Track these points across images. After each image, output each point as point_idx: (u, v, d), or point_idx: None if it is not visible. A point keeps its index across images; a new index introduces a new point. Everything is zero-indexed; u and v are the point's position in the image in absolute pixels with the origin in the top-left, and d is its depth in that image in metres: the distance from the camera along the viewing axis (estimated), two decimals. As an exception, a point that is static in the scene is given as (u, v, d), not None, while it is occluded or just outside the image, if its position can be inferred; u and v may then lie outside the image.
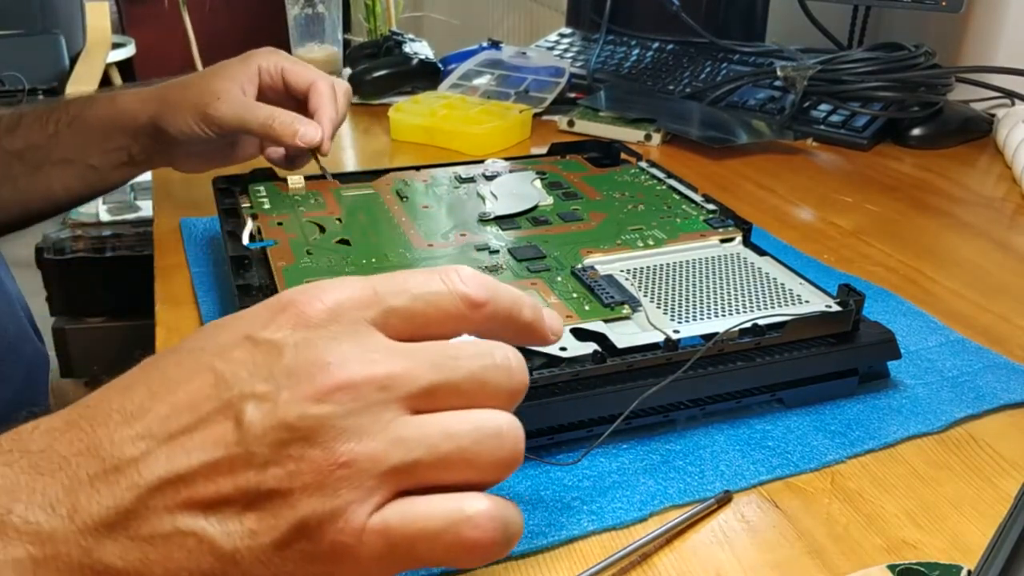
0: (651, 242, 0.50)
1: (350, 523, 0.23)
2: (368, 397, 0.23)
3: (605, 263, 0.48)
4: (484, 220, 0.53)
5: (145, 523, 0.22)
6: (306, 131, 0.56)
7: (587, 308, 0.42)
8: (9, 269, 0.58)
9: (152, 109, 0.58)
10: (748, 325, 0.41)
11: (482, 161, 0.63)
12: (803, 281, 0.46)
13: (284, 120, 0.56)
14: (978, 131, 0.86)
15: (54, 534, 0.22)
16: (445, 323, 0.26)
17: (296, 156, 0.61)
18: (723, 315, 0.43)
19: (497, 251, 0.49)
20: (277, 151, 0.62)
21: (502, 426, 0.25)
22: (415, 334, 0.25)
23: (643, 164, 0.63)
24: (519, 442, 0.25)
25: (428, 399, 0.24)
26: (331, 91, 0.60)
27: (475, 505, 0.24)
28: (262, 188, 0.57)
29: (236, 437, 0.23)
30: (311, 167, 0.61)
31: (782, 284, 0.46)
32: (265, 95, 0.59)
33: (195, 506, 0.22)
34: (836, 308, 0.43)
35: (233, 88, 0.57)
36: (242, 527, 0.22)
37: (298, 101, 0.61)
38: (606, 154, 0.67)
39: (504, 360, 0.25)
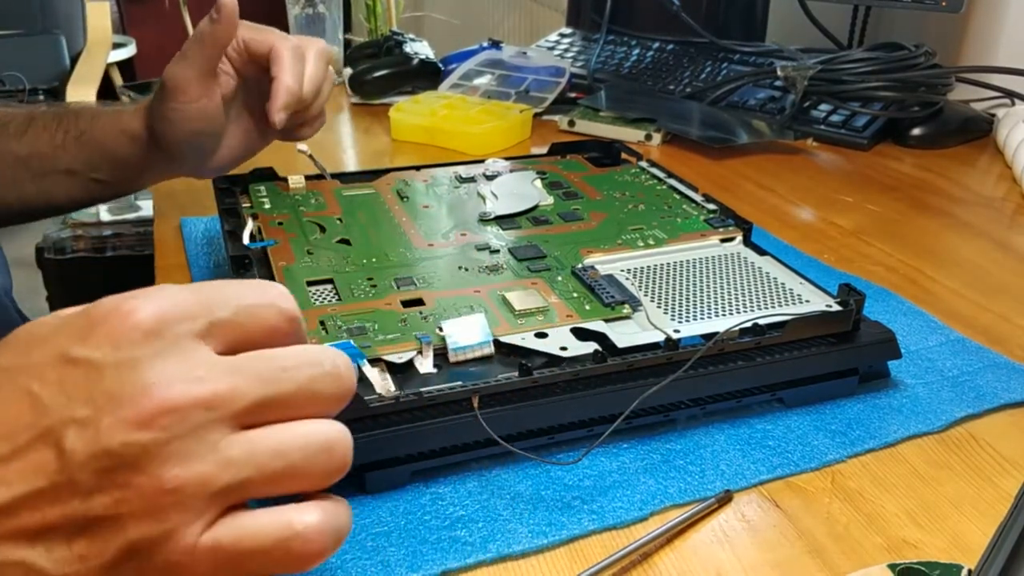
0: (651, 242, 0.50)
1: (180, 544, 0.22)
2: (193, 419, 0.23)
3: (605, 263, 0.48)
4: (484, 220, 0.53)
5: None
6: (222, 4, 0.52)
7: (587, 308, 0.42)
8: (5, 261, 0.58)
9: (147, 120, 0.57)
10: (748, 325, 0.41)
11: (482, 161, 0.63)
12: (803, 281, 0.46)
13: (203, 24, 0.53)
14: (978, 131, 0.86)
15: None
16: (269, 336, 0.25)
17: (298, 116, 0.57)
18: (723, 315, 0.43)
19: (497, 251, 0.49)
20: (279, 113, 0.56)
21: (331, 438, 0.24)
22: (239, 347, 0.25)
23: (643, 164, 0.63)
24: (348, 451, 0.25)
25: (257, 414, 0.24)
26: (291, 55, 0.56)
27: (304, 519, 0.24)
28: (262, 188, 0.57)
29: (58, 466, 0.22)
30: (311, 167, 0.61)
31: (782, 284, 0.46)
32: (213, 55, 0.55)
33: (20, 536, 0.22)
34: (836, 308, 0.43)
35: (180, 57, 0.55)
36: (71, 553, 0.22)
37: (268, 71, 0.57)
38: (606, 154, 0.67)
39: (333, 367, 0.25)
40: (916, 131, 0.84)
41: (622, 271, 0.47)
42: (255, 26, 0.58)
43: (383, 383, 0.37)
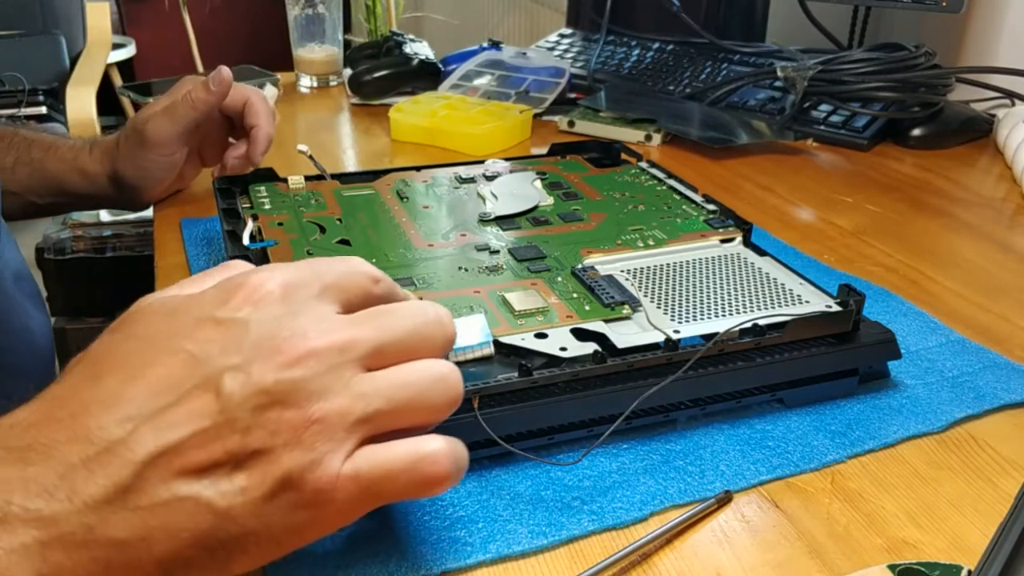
0: (651, 242, 0.50)
1: (327, 472, 0.26)
2: (329, 361, 0.26)
3: (605, 263, 0.48)
4: (484, 220, 0.53)
5: (143, 495, 0.24)
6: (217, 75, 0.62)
7: (587, 308, 0.42)
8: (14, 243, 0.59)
9: (111, 163, 0.64)
10: (748, 325, 0.41)
11: (482, 161, 0.63)
12: (803, 281, 0.46)
13: (195, 82, 0.63)
14: (978, 131, 0.86)
15: (56, 517, 0.23)
16: (366, 294, 0.30)
17: (248, 152, 0.66)
18: (723, 315, 0.43)
19: (497, 251, 0.49)
20: (236, 153, 0.66)
21: (444, 371, 0.29)
22: (346, 307, 0.29)
23: (643, 164, 0.63)
24: (460, 382, 0.29)
25: (378, 357, 0.28)
26: (266, 107, 0.66)
27: (431, 445, 0.27)
28: (263, 188, 0.57)
29: (218, 406, 0.25)
30: (311, 168, 0.61)
31: (782, 284, 0.46)
32: (199, 119, 0.64)
33: (188, 473, 0.24)
34: (836, 308, 0.43)
35: (156, 107, 0.63)
36: (233, 486, 0.25)
37: (232, 121, 0.67)
38: (606, 154, 0.67)
39: (436, 315, 0.29)
40: (916, 131, 0.84)
41: (622, 271, 0.47)
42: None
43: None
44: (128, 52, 2.64)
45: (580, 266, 0.47)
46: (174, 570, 0.25)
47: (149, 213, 0.69)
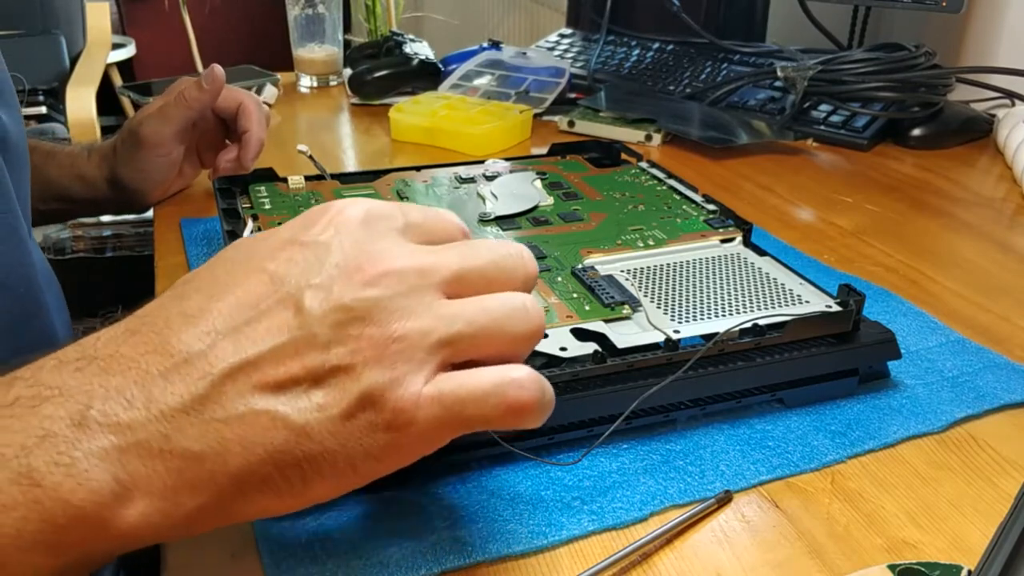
0: (651, 242, 0.50)
1: (408, 391, 0.25)
2: (410, 282, 0.26)
3: (605, 263, 0.48)
4: (484, 220, 0.53)
5: (220, 407, 0.24)
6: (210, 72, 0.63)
7: (587, 308, 0.42)
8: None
9: (109, 167, 0.65)
10: (748, 325, 0.41)
11: (482, 161, 0.63)
12: (803, 281, 0.46)
13: (188, 82, 0.64)
14: (978, 131, 0.86)
15: (133, 424, 0.24)
16: (449, 240, 0.30)
17: (241, 154, 0.66)
18: (723, 315, 0.43)
19: (497, 251, 0.49)
20: (228, 156, 0.67)
21: (526, 302, 0.28)
22: (428, 241, 0.29)
23: (643, 164, 0.63)
24: (542, 316, 0.28)
25: (459, 284, 0.27)
26: (259, 112, 0.66)
27: (519, 370, 0.27)
28: (263, 188, 0.57)
29: (298, 322, 0.25)
30: (311, 168, 0.61)
31: (782, 284, 0.46)
32: (193, 117, 0.65)
33: (266, 387, 0.24)
34: (836, 308, 0.43)
35: (150, 109, 0.64)
36: (311, 402, 0.25)
37: (225, 123, 0.67)
38: (606, 154, 0.67)
39: (517, 251, 0.29)
40: (916, 131, 0.84)
41: (622, 271, 0.47)
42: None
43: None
44: (128, 52, 2.64)
45: (580, 266, 0.47)
46: (248, 488, 0.24)
47: (149, 213, 0.69)
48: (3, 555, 0.22)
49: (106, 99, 2.24)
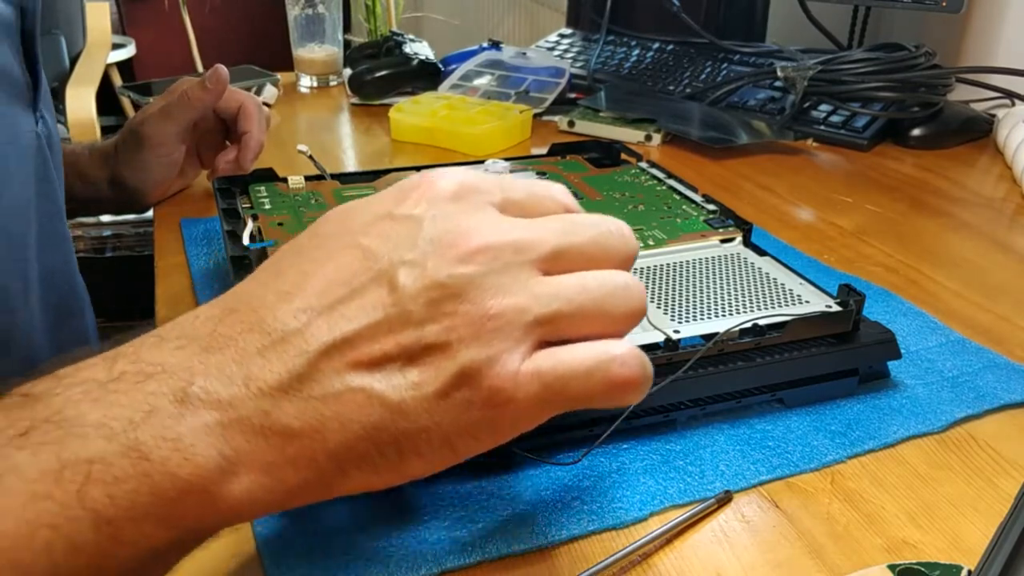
0: (651, 242, 0.50)
1: (505, 368, 0.25)
2: (506, 258, 0.26)
3: (605, 263, 0.48)
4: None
5: (317, 385, 0.24)
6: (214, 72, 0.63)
7: (587, 308, 0.42)
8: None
9: (111, 167, 0.65)
10: (748, 325, 0.41)
11: (482, 161, 0.63)
12: (803, 281, 0.46)
13: (190, 82, 0.64)
14: (978, 131, 0.86)
15: (233, 401, 0.24)
16: (549, 214, 0.29)
17: (241, 155, 0.67)
18: (723, 315, 0.43)
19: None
20: (227, 157, 0.67)
21: (628, 280, 0.27)
22: (527, 215, 0.28)
23: (643, 164, 0.63)
24: (644, 294, 0.27)
25: (556, 261, 0.27)
26: (259, 113, 0.66)
27: (620, 346, 0.26)
28: (263, 188, 0.57)
29: (392, 300, 0.25)
30: (311, 168, 0.61)
31: (782, 284, 0.46)
32: (196, 117, 0.66)
33: (361, 365, 0.24)
34: (836, 308, 0.43)
35: (152, 109, 0.65)
36: (406, 380, 0.25)
37: (226, 124, 0.68)
38: (606, 154, 0.67)
39: (617, 228, 0.28)
40: (916, 131, 0.84)
41: (622, 271, 0.47)
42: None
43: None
44: (128, 52, 2.64)
45: (580, 266, 0.47)
46: (346, 465, 0.25)
47: (149, 213, 0.69)
48: (118, 526, 0.22)
49: (106, 99, 2.24)
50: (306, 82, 1.07)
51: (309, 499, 0.25)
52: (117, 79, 2.46)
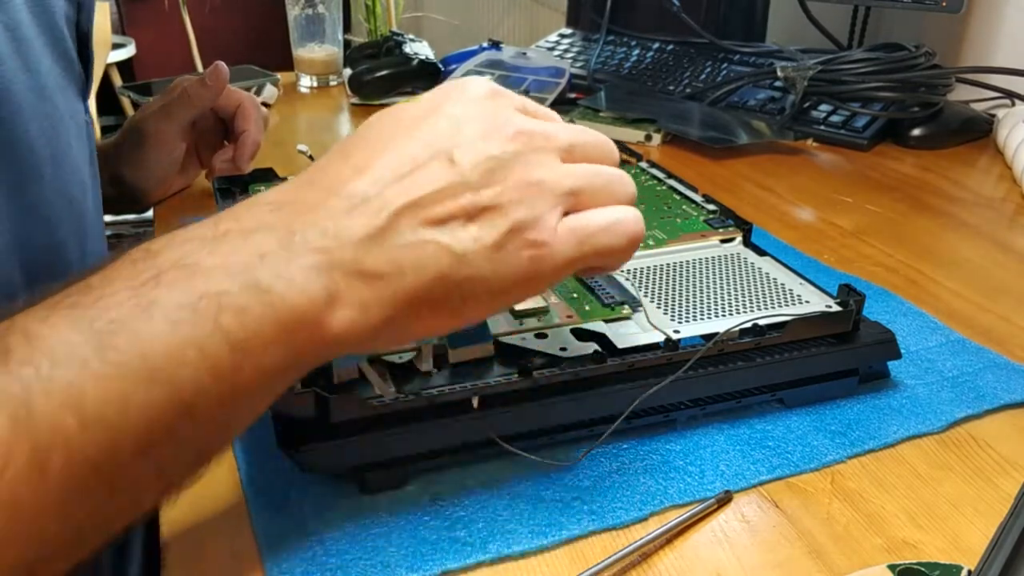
0: (651, 242, 0.50)
1: (547, 224, 0.31)
2: (538, 143, 0.32)
3: (605, 263, 0.48)
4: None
5: (396, 236, 0.29)
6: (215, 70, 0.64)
7: (587, 308, 0.42)
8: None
9: (108, 169, 0.64)
10: (748, 325, 0.41)
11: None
12: (803, 281, 0.46)
13: (190, 81, 0.65)
14: (978, 131, 0.86)
15: (329, 249, 0.28)
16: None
17: (239, 154, 0.67)
18: (723, 315, 0.43)
19: (497, 251, 0.49)
20: (224, 156, 0.67)
21: (624, 175, 0.34)
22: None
23: (643, 164, 0.63)
24: (634, 187, 0.34)
25: (571, 153, 0.33)
26: (257, 113, 0.67)
27: (624, 211, 0.33)
28: (263, 188, 0.57)
29: (453, 171, 0.30)
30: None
31: (782, 284, 0.46)
32: (196, 114, 0.66)
33: (431, 222, 0.29)
34: (836, 308, 0.43)
35: (152, 107, 0.65)
36: (468, 234, 0.30)
37: (225, 124, 0.68)
38: (606, 154, 0.67)
39: (609, 141, 0.35)
40: (916, 131, 0.84)
41: (622, 271, 0.47)
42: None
43: (383, 383, 0.37)
44: (128, 52, 2.64)
45: (580, 266, 0.47)
46: (420, 306, 0.29)
47: (149, 213, 0.69)
48: (247, 349, 0.26)
49: (106, 99, 2.24)
50: (306, 82, 1.07)
51: (389, 339, 0.30)
52: (117, 79, 2.46)
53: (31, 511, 0.23)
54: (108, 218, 1.17)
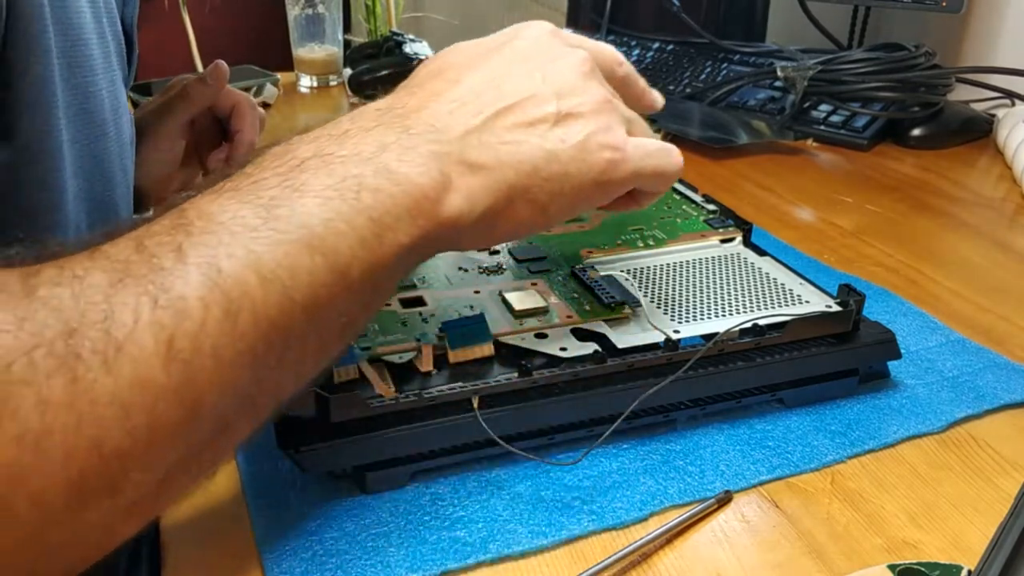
0: (651, 242, 0.50)
1: (619, 135, 0.35)
2: (599, 75, 0.37)
3: (605, 263, 0.48)
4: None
5: (494, 134, 0.33)
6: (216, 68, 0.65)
7: (587, 308, 0.42)
8: None
9: None
10: (748, 325, 0.41)
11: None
12: (803, 281, 0.46)
13: (189, 79, 0.65)
14: (978, 131, 0.86)
15: (439, 140, 0.32)
16: (610, 72, 0.38)
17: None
18: (723, 315, 0.43)
19: (497, 251, 0.49)
20: (219, 156, 0.67)
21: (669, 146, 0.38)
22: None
23: (643, 164, 0.63)
24: (680, 159, 0.38)
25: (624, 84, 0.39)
26: (253, 113, 0.68)
27: (671, 144, 0.38)
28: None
29: (539, 84, 0.35)
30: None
31: (782, 284, 0.46)
32: (195, 112, 0.66)
33: (523, 125, 0.34)
34: (836, 308, 0.43)
35: (151, 105, 0.66)
36: (555, 135, 0.34)
37: (222, 124, 0.68)
38: (606, 154, 0.67)
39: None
40: (916, 131, 0.84)
41: (622, 271, 0.47)
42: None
43: (383, 384, 0.37)
44: (128, 52, 2.64)
45: (580, 266, 0.47)
46: (516, 196, 0.33)
47: (149, 213, 0.69)
48: (385, 224, 0.29)
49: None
50: (306, 82, 1.07)
51: (483, 234, 0.34)
52: (117, 79, 2.46)
53: (228, 360, 0.25)
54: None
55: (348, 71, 1.02)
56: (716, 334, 0.40)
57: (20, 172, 0.37)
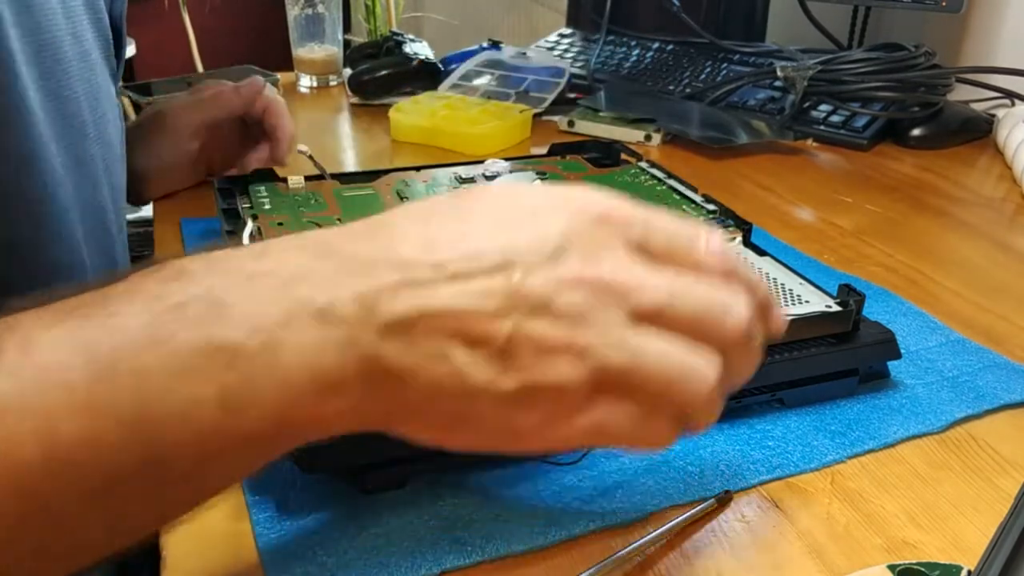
0: (651, 242, 0.50)
1: (563, 404, 0.26)
2: (609, 300, 0.26)
3: (605, 263, 0.48)
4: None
5: (421, 338, 0.26)
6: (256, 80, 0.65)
7: (587, 308, 0.42)
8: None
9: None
10: (748, 325, 0.41)
11: (482, 161, 0.63)
12: (803, 281, 0.46)
13: (222, 85, 0.66)
14: (978, 131, 0.86)
15: (358, 324, 0.26)
16: (687, 267, 0.28)
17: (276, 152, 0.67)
18: (723, 315, 0.43)
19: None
20: (259, 155, 0.67)
21: (710, 371, 0.27)
22: (658, 262, 0.28)
23: (643, 164, 0.63)
24: (716, 392, 0.27)
25: (653, 318, 0.27)
26: (285, 107, 0.68)
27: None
28: (262, 188, 0.57)
29: (511, 295, 0.26)
30: (311, 168, 0.61)
31: (782, 284, 0.46)
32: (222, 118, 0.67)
33: (457, 337, 0.26)
34: (836, 308, 0.43)
35: (180, 101, 0.67)
36: (487, 374, 0.26)
37: (246, 123, 0.68)
38: (606, 154, 0.67)
39: (734, 304, 0.28)
40: (916, 131, 0.84)
41: (622, 271, 0.47)
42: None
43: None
44: (128, 52, 2.64)
45: (580, 266, 0.47)
46: (410, 414, 0.27)
47: (149, 213, 0.69)
48: (242, 411, 0.25)
49: (106, 99, 2.23)
50: (306, 82, 1.07)
51: (370, 427, 0.27)
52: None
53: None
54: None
55: (348, 71, 1.02)
56: (716, 334, 0.40)
57: (9, 186, 0.37)
